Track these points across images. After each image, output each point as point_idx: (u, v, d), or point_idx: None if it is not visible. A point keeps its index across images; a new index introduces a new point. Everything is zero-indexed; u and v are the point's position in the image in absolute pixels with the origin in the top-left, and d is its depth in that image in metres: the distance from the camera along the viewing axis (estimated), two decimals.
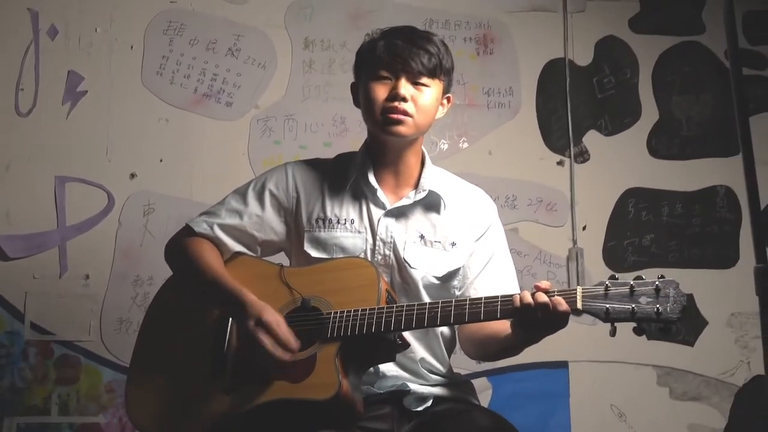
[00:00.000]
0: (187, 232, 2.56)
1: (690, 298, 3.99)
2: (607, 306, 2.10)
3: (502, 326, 2.32)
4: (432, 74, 2.42)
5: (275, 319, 2.27)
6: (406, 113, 2.40)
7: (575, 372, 4.02)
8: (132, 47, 4.03)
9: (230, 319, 2.41)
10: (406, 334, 2.36)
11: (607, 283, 2.13)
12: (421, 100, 2.42)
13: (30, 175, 3.90)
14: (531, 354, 2.49)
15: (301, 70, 4.10)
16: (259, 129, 4.04)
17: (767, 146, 4.05)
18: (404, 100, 2.39)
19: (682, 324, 3.86)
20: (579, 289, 2.15)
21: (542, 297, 2.14)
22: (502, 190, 4.08)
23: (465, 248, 2.52)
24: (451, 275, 2.51)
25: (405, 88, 2.40)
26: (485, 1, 4.21)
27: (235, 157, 4.00)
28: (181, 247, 2.54)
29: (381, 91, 2.41)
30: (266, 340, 2.24)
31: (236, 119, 4.04)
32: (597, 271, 4.03)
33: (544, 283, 2.17)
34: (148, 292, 3.83)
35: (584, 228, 4.13)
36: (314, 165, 2.63)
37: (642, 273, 2.17)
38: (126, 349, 2.74)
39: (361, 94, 2.48)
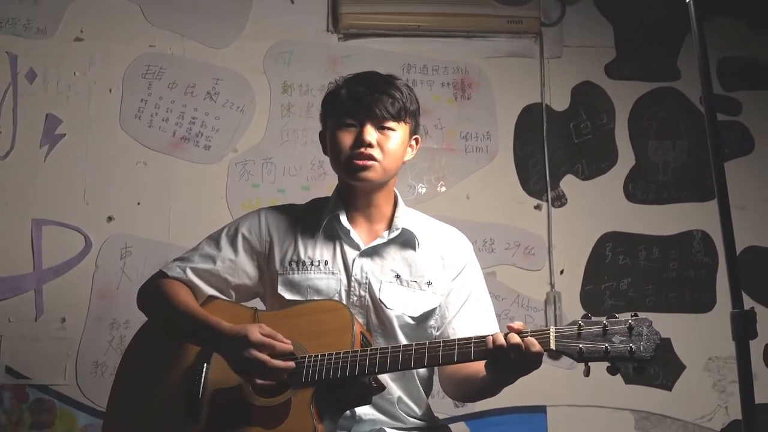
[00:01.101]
0: (160, 277, 2.57)
1: (667, 342, 4.05)
2: (581, 345, 2.11)
3: (480, 366, 2.32)
4: (397, 118, 2.45)
5: (258, 336, 2.27)
6: (372, 158, 2.42)
7: (554, 416, 4.02)
8: (111, 90, 4.05)
9: (205, 364, 2.41)
10: (382, 376, 2.37)
11: (580, 322, 2.14)
12: (388, 144, 2.44)
13: (7, 218, 3.90)
14: (509, 398, 2.50)
15: (279, 114, 4.13)
16: (238, 172, 4.06)
17: (742, 191, 4.14)
18: (370, 145, 2.42)
19: (656, 363, 3.87)
20: (552, 329, 2.16)
21: (515, 338, 2.15)
22: (480, 233, 4.09)
23: (441, 287, 2.54)
24: (428, 315, 2.52)
25: (370, 134, 2.42)
26: (463, 47, 4.25)
27: (213, 200, 4.01)
28: (155, 290, 2.54)
29: (347, 139, 2.44)
30: (262, 356, 2.24)
31: (214, 162, 4.06)
32: (574, 314, 3.99)
33: (517, 324, 2.19)
34: (124, 336, 3.81)
35: (562, 272, 4.15)
36: (287, 209, 2.65)
37: (617, 315, 2.17)
38: (102, 393, 2.73)
39: (328, 142, 2.51)
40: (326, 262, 2.50)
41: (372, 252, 2.51)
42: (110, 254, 3.92)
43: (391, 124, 2.44)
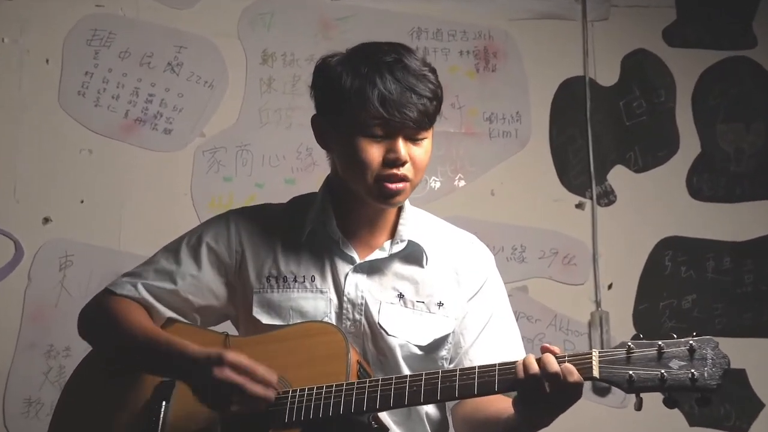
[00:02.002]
0: (107, 296, 2.56)
1: (741, 373, 4.05)
2: (631, 372, 2.09)
3: (504, 404, 2.30)
4: (431, 123, 2.44)
5: (236, 356, 2.26)
6: (405, 179, 2.41)
7: None
8: (48, 61, 4.05)
9: (164, 402, 2.40)
10: (385, 416, 2.36)
11: (629, 344, 2.12)
12: (420, 157, 2.40)
13: None
14: None
15: (257, 89, 4.13)
16: (206, 162, 4.06)
17: None
18: (404, 164, 2.41)
19: (724, 395, 3.87)
20: (595, 353, 2.14)
21: (552, 365, 2.13)
22: (507, 239, 4.09)
23: (455, 310, 2.51)
24: (439, 344, 2.49)
25: (404, 148, 2.42)
26: (486, 6, 4.25)
27: (176, 198, 4.01)
28: (100, 311, 2.53)
29: (374, 152, 2.38)
30: (240, 379, 2.24)
31: (177, 150, 4.06)
32: (625, 339, 4.02)
33: (552, 347, 2.17)
34: (64, 366, 3.81)
35: (610, 287, 4.15)
36: (262, 212, 2.63)
37: (674, 334, 2.16)
38: None
39: (342, 149, 2.44)
40: (313, 278, 2.49)
41: (369, 267, 2.50)
42: (47, 264, 3.91)
43: (423, 133, 2.43)
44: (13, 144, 3.98)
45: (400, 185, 2.39)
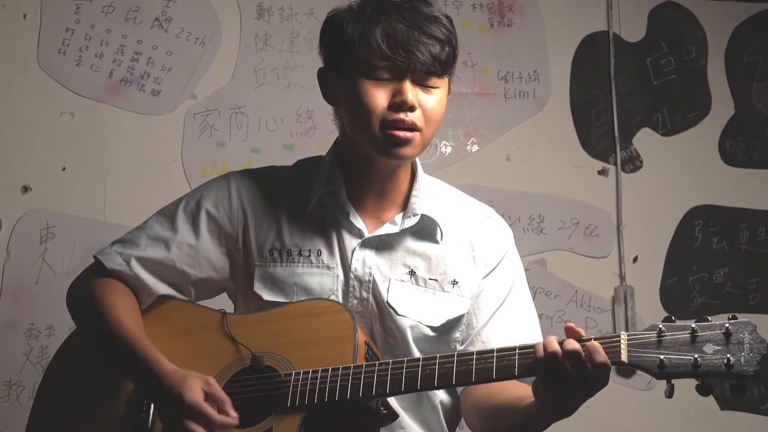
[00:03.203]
0: (97, 270, 2.56)
1: None
2: (662, 357, 2.09)
3: (522, 391, 2.31)
4: (444, 71, 2.43)
5: (196, 398, 2.27)
6: (414, 127, 2.39)
7: None
8: (25, 16, 4.04)
9: None
10: (393, 402, 2.36)
11: (660, 326, 2.12)
12: (429, 105, 2.40)
13: None
14: (565, 430, 2.49)
15: (253, 47, 4.13)
16: (197, 126, 4.07)
17: None
18: (412, 109, 2.40)
19: (761, 381, 3.88)
20: (623, 335, 2.14)
21: (572, 343, 2.14)
22: (524, 208, 4.11)
23: (470, 288, 2.52)
24: (452, 325, 2.50)
25: (412, 92, 2.42)
26: None
27: (165, 165, 4.02)
28: (86, 294, 2.53)
29: (380, 97, 2.37)
30: (197, 428, 2.25)
31: (166, 113, 4.07)
32: (652, 317, 4.02)
33: (577, 328, 2.17)
34: (46, 346, 3.83)
35: (635, 259, 4.16)
36: (266, 176, 2.62)
37: (711, 317, 2.16)
38: (16, 422, 2.73)
39: (346, 97, 2.44)
40: (319, 252, 2.48)
41: (378, 242, 2.50)
42: (26, 237, 3.93)
43: (434, 80, 2.42)
44: None
45: (408, 134, 2.37)
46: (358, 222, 2.48)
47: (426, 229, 2.51)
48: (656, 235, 4.19)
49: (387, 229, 2.49)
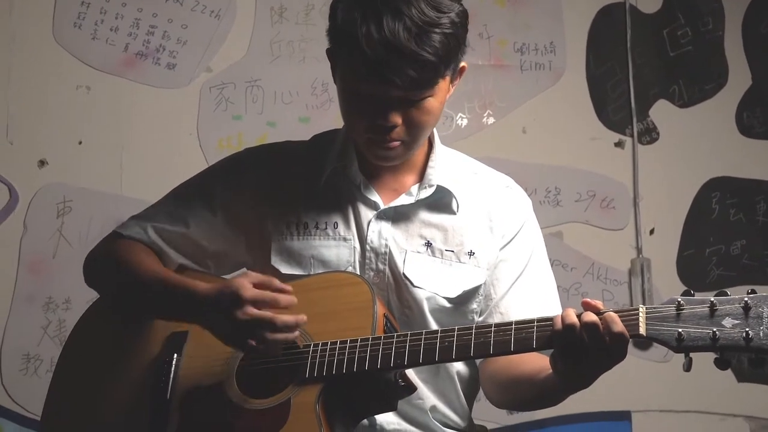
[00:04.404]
0: (114, 239, 2.58)
1: None
2: (680, 330, 2.09)
3: (540, 363, 2.31)
4: (432, 84, 2.36)
5: (253, 290, 2.23)
6: (396, 139, 2.39)
7: (641, 425, 4.04)
8: None
9: (175, 355, 2.42)
10: (411, 374, 2.36)
11: (679, 300, 2.11)
12: (418, 118, 2.36)
13: None
14: (581, 401, 2.50)
15: (268, 19, 4.13)
16: (213, 99, 4.07)
17: None
18: (392, 129, 2.38)
19: None
20: (642, 309, 2.14)
21: (590, 315, 2.14)
22: (541, 180, 4.11)
23: (487, 258, 2.51)
24: (469, 296, 2.49)
25: (393, 114, 2.34)
26: None
27: (180, 138, 4.03)
28: (107, 255, 2.55)
29: (361, 111, 2.35)
30: (267, 313, 2.21)
31: (181, 86, 4.08)
32: (669, 289, 4.04)
33: (595, 301, 2.18)
34: (64, 320, 3.85)
35: (652, 231, 4.16)
36: (282, 151, 2.63)
37: (729, 290, 2.16)
38: (35, 395, 2.75)
39: (338, 91, 2.43)
40: (336, 225, 2.49)
41: (394, 213, 2.49)
42: (43, 211, 3.95)
43: (423, 92, 2.39)
44: (5, 81, 4.00)
45: (389, 151, 2.38)
46: (373, 195, 2.48)
47: (442, 201, 2.51)
48: (673, 207, 4.18)
49: (402, 200, 2.49)
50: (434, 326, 2.44)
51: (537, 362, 2.33)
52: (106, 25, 4.05)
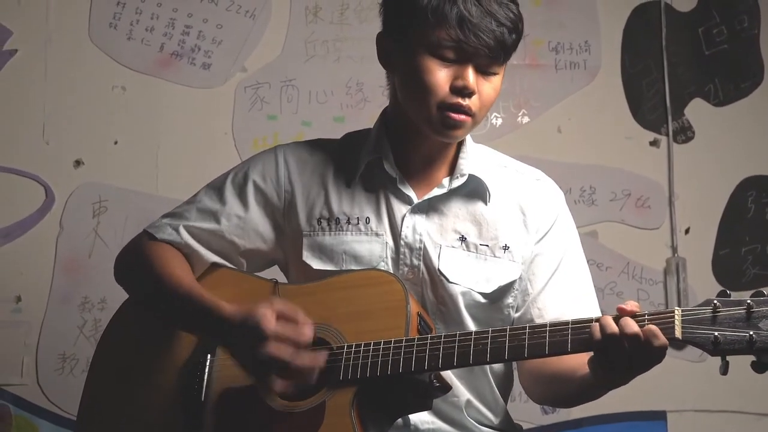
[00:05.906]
0: (145, 240, 2.58)
1: None
2: (716, 333, 2.08)
3: (578, 360, 2.30)
4: (507, 58, 2.42)
5: (273, 326, 2.22)
6: (469, 111, 2.39)
7: (676, 425, 4.02)
8: None
9: (209, 356, 2.42)
10: (447, 373, 2.36)
11: (715, 302, 2.10)
12: (486, 92, 2.41)
13: None
14: (617, 401, 2.48)
15: (303, 19, 4.12)
16: (248, 99, 4.07)
17: None
18: (471, 94, 2.39)
19: None
20: (677, 312, 2.13)
21: (631, 325, 2.12)
22: (576, 179, 4.09)
23: (522, 253, 2.52)
24: (505, 291, 2.50)
25: (474, 78, 2.39)
26: None
27: (216, 138, 4.04)
28: (136, 259, 2.55)
29: (443, 77, 2.37)
30: (285, 353, 2.20)
31: (216, 86, 4.08)
32: (704, 288, 4.02)
33: (631, 304, 2.16)
34: (99, 320, 3.86)
35: (687, 231, 4.14)
36: (314, 148, 2.63)
37: (765, 290, 2.13)
38: (70, 395, 2.76)
39: (405, 69, 2.43)
40: (368, 220, 2.49)
41: (428, 207, 2.50)
42: (79, 211, 3.95)
43: (496, 67, 2.42)
44: (41, 82, 4.01)
45: (463, 117, 2.38)
46: (407, 189, 2.49)
47: (475, 191, 2.52)
48: (708, 206, 4.16)
49: (435, 192, 2.50)
50: (469, 321, 2.45)
51: (574, 359, 2.33)
52: (141, 25, 4.06)
